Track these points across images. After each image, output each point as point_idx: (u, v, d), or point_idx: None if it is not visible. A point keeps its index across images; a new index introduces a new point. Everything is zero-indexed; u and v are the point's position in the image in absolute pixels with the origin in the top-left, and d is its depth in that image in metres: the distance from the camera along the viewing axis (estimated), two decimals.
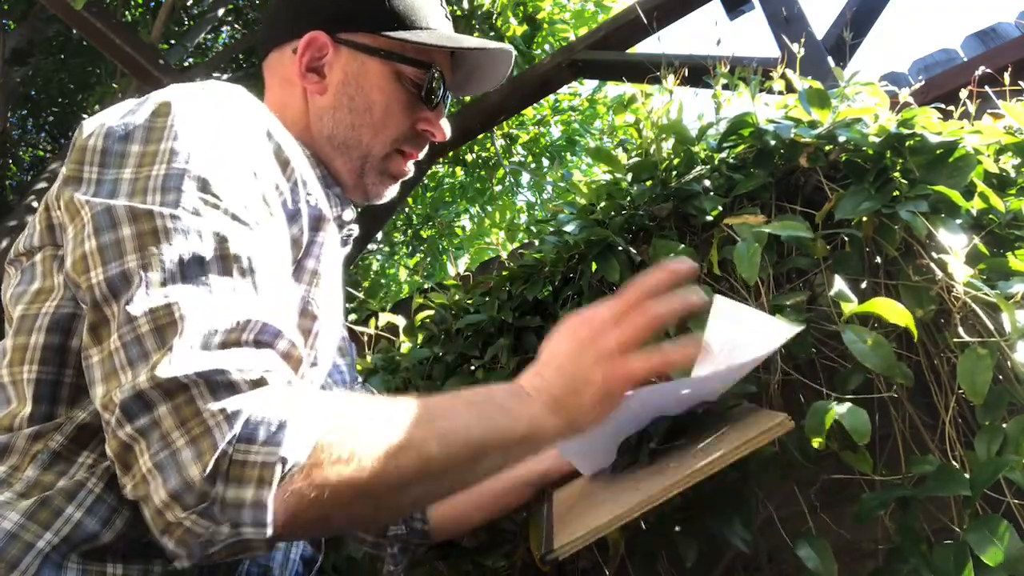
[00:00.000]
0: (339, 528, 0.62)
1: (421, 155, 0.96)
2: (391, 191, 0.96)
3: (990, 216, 0.98)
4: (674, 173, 1.21)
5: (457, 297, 1.46)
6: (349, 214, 0.93)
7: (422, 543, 1.06)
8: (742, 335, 0.77)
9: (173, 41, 5.96)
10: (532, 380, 0.72)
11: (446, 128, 0.95)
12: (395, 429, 0.59)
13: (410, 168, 0.96)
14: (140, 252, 0.58)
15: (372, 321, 1.50)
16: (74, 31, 4.96)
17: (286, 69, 0.90)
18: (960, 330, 0.86)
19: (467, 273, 1.68)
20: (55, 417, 0.63)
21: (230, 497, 0.51)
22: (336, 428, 0.57)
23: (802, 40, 1.46)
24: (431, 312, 1.46)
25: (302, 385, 0.60)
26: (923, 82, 1.71)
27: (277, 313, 0.61)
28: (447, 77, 0.95)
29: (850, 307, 0.84)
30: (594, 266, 1.20)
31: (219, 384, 0.53)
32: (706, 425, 0.82)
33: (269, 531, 0.52)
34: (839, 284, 0.86)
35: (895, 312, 0.81)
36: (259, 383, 0.55)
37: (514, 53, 0.97)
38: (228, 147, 0.67)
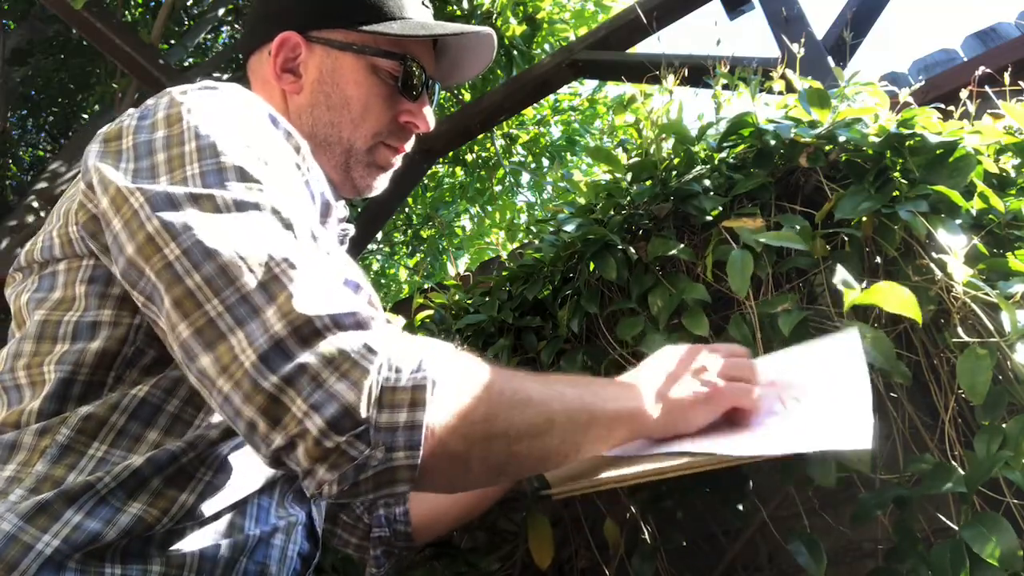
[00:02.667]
0: (475, 476, 0.62)
1: (408, 146, 0.95)
2: (381, 183, 0.95)
3: (990, 216, 0.98)
4: (674, 173, 1.21)
5: (457, 297, 1.46)
6: (342, 211, 0.93)
7: (406, 546, 1.07)
8: (826, 398, 0.75)
9: (173, 41, 5.96)
10: (633, 376, 0.78)
11: (430, 119, 0.93)
12: (523, 385, 0.64)
13: (397, 160, 0.95)
14: (210, 225, 0.59)
15: None
16: (74, 31, 4.96)
17: (264, 71, 0.91)
18: (959, 330, 0.86)
19: (467, 273, 1.67)
20: (62, 412, 0.64)
21: (384, 421, 0.55)
22: (469, 366, 0.61)
23: (802, 40, 1.45)
24: (431, 312, 1.46)
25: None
26: (923, 82, 1.71)
27: (349, 269, 0.63)
28: (428, 66, 0.93)
29: (852, 295, 0.81)
30: (591, 265, 1.20)
31: (350, 324, 0.57)
32: None
33: (419, 455, 0.55)
34: (842, 273, 0.84)
35: (898, 298, 0.78)
36: (379, 320, 0.59)
37: (494, 35, 0.95)
38: (248, 136, 0.68)
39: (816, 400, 0.75)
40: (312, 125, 0.89)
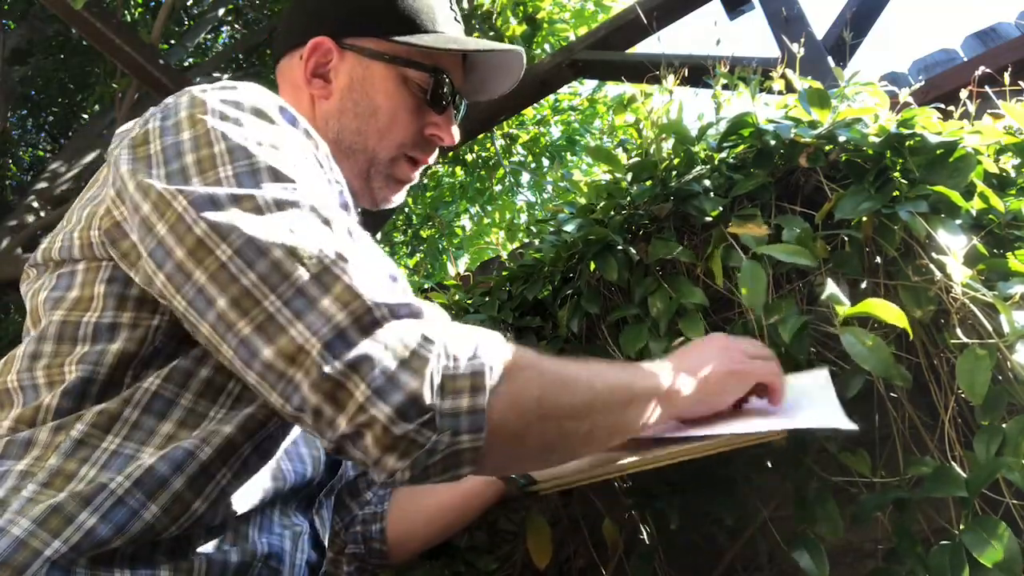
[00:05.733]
0: (532, 450, 0.65)
1: (431, 159, 0.95)
2: (399, 196, 0.95)
3: (990, 216, 0.98)
4: (674, 173, 1.21)
5: (457, 297, 1.46)
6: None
7: (379, 564, 1.06)
8: (806, 401, 0.83)
9: (173, 41, 5.96)
10: (664, 360, 0.81)
11: (455, 133, 0.94)
12: (566, 366, 0.66)
13: (416, 174, 0.95)
14: (256, 223, 0.60)
15: None
16: (74, 31, 4.96)
17: (294, 75, 0.91)
18: (959, 331, 0.86)
19: (467, 273, 1.67)
20: (78, 411, 0.64)
21: (447, 407, 0.57)
22: (517, 350, 0.63)
23: (802, 40, 1.45)
24: None
25: None
26: (923, 82, 1.71)
27: (387, 263, 0.64)
28: (457, 81, 0.94)
29: (844, 309, 0.84)
30: (592, 265, 1.20)
31: (406, 314, 0.59)
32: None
33: (483, 437, 0.58)
34: (831, 287, 0.86)
35: (890, 312, 0.81)
36: (437, 312, 0.61)
37: (524, 53, 0.96)
38: (273, 135, 0.68)
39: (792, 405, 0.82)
40: (338, 131, 0.88)
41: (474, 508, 1.06)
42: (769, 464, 1.00)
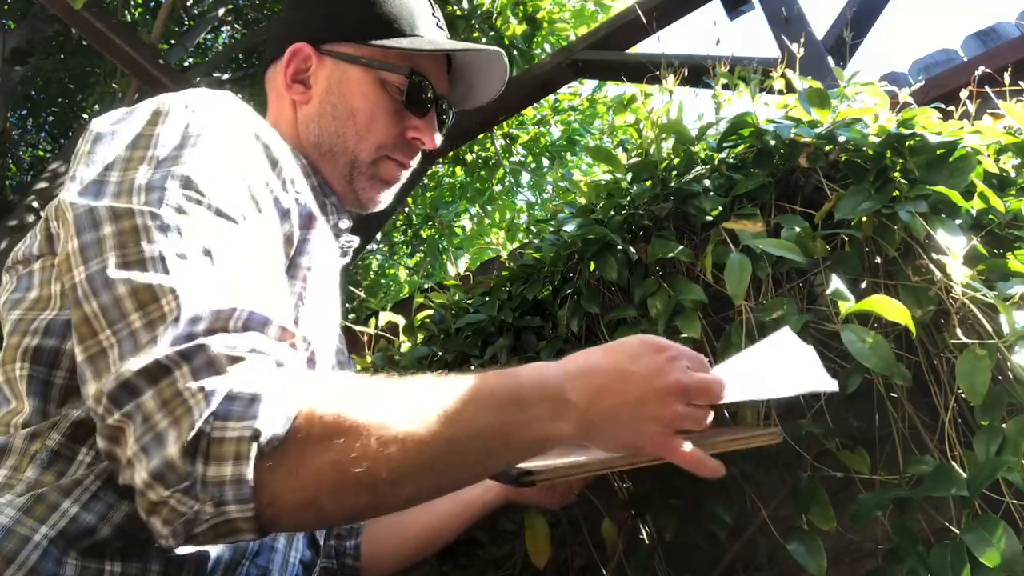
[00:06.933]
0: (335, 517, 0.58)
1: (414, 162, 0.96)
2: (385, 197, 0.96)
3: (990, 216, 0.98)
4: (674, 173, 1.21)
5: (457, 297, 1.46)
6: (345, 223, 0.94)
7: None
8: (771, 369, 0.75)
9: (173, 41, 5.96)
10: (574, 381, 0.66)
11: (436, 137, 0.95)
12: (395, 415, 0.56)
13: (403, 175, 0.96)
14: (121, 249, 0.58)
15: (372, 321, 1.50)
16: (74, 31, 4.96)
17: (277, 82, 0.93)
18: (958, 331, 0.86)
19: (467, 273, 1.67)
20: (48, 416, 0.64)
21: (211, 475, 0.51)
22: (325, 405, 0.55)
23: (802, 40, 1.45)
24: (431, 312, 1.46)
25: (294, 366, 0.59)
26: (923, 82, 1.71)
27: (266, 302, 0.60)
28: (438, 84, 0.95)
29: (847, 306, 0.83)
30: (592, 265, 1.20)
31: (200, 365, 0.53)
32: None
33: (252, 508, 0.52)
34: (836, 283, 0.86)
35: (893, 310, 0.81)
36: (238, 360, 0.54)
37: (504, 54, 0.96)
38: (214, 148, 0.68)
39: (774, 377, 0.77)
40: (318, 135, 0.90)
41: (451, 529, 1.04)
42: (769, 463, 1.00)
